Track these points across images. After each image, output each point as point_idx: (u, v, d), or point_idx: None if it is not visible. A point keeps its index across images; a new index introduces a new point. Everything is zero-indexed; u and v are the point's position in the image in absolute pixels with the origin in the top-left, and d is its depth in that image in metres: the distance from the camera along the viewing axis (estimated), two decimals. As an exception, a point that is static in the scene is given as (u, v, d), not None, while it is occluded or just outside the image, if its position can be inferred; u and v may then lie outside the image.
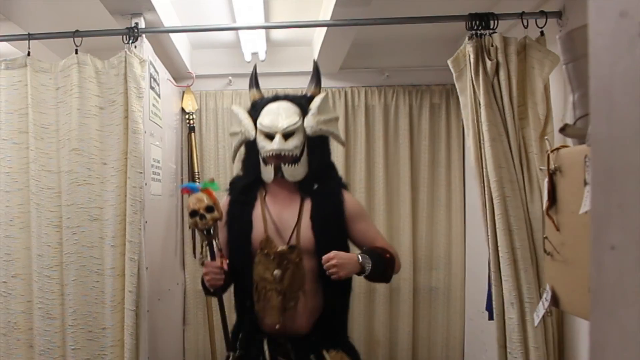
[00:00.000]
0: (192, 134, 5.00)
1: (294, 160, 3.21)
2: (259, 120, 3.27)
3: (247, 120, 3.33)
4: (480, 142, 3.31)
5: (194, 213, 2.95)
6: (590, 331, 0.75)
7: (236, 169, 3.89)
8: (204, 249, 3.08)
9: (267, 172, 3.24)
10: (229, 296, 3.32)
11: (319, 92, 3.41)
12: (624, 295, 0.67)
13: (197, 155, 4.95)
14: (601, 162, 0.71)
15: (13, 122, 3.53)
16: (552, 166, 2.62)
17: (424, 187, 4.98)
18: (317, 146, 3.31)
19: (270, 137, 3.19)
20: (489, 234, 3.32)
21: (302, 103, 3.32)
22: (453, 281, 4.96)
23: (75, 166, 3.42)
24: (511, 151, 3.25)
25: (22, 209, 3.52)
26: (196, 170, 4.91)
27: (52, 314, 3.46)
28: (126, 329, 3.35)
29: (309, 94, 3.41)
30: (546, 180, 2.66)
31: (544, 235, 2.75)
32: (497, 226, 3.24)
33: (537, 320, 2.89)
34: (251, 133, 3.29)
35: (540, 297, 2.84)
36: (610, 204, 0.70)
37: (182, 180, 4.97)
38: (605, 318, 0.72)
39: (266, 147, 3.18)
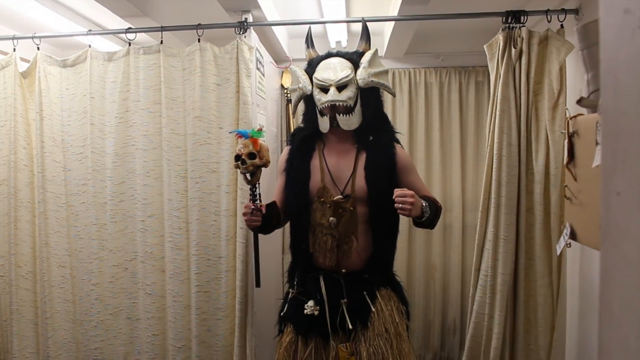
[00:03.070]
0: (289, 105, 5.05)
1: (347, 110, 2.93)
2: (314, 76, 3.01)
3: (304, 77, 3.07)
4: (493, 111, 3.39)
5: (237, 157, 2.76)
6: (601, 259, 0.76)
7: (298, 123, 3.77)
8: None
9: (324, 123, 2.98)
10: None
11: (369, 49, 3.12)
12: (627, 231, 0.68)
13: (293, 121, 5.02)
14: (609, 126, 0.72)
15: (149, 96, 3.62)
16: (570, 130, 2.68)
17: (471, 146, 4.97)
18: (369, 97, 2.99)
19: (325, 90, 2.94)
20: (484, 183, 3.43)
21: (354, 58, 3.03)
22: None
23: (197, 130, 3.50)
24: (519, 121, 3.32)
25: (156, 163, 3.63)
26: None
27: (179, 245, 3.57)
28: (238, 258, 3.43)
29: (360, 50, 3.11)
30: (566, 141, 2.71)
31: (564, 184, 2.81)
32: (492, 177, 3.37)
33: (558, 250, 2.95)
34: (308, 88, 3.03)
35: (562, 233, 2.84)
36: (616, 159, 0.70)
37: (282, 142, 5.03)
38: (612, 249, 0.72)
39: (322, 99, 2.93)
